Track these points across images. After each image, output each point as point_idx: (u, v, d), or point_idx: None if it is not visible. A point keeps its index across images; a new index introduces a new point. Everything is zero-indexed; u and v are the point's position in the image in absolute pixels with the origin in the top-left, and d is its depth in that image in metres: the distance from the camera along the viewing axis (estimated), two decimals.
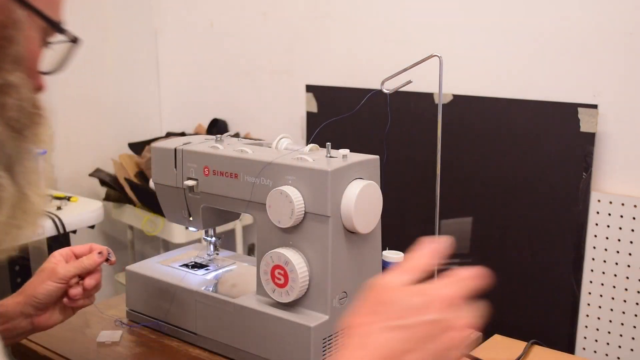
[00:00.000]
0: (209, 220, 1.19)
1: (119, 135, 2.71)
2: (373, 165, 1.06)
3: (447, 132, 1.86)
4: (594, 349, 1.84)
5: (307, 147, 1.08)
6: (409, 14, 2.10)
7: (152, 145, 1.22)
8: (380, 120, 2.01)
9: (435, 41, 2.05)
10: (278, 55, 2.48)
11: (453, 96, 1.98)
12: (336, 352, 0.61)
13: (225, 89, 2.69)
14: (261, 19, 2.50)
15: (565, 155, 1.80)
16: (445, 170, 1.57)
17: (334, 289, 1.01)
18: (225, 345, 1.10)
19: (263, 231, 1.06)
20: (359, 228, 1.01)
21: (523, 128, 1.87)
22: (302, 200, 0.99)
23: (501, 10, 1.92)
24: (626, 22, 1.72)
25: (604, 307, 1.81)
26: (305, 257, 1.02)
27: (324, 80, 2.33)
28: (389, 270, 0.65)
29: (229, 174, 1.09)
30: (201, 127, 2.67)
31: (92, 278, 1.06)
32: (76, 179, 2.56)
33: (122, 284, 2.49)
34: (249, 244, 2.62)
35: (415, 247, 0.66)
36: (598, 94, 1.78)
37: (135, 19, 2.74)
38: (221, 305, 1.09)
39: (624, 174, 1.78)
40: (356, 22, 2.23)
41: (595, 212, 1.79)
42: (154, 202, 2.20)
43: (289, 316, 1.02)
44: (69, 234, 1.93)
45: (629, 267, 1.76)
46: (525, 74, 1.90)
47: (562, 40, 1.82)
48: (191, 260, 1.27)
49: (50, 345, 1.15)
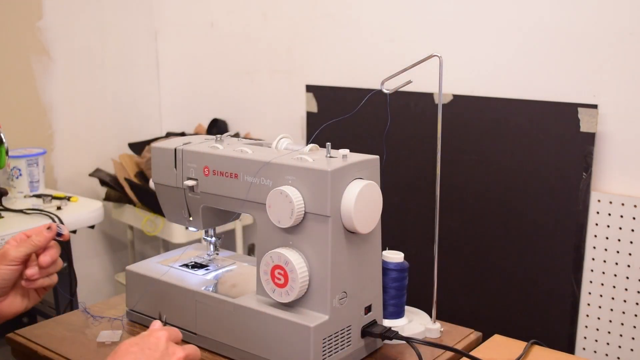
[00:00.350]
0: (209, 220, 1.19)
1: (119, 135, 2.71)
2: (373, 165, 1.06)
3: (447, 132, 1.86)
4: (594, 349, 1.84)
5: (307, 147, 1.08)
6: (409, 14, 2.10)
7: (152, 145, 1.22)
8: (380, 120, 2.01)
9: (435, 41, 2.05)
10: (278, 55, 2.48)
11: (453, 96, 1.98)
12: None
13: (225, 89, 2.69)
14: (261, 19, 2.50)
15: (565, 155, 1.80)
16: (445, 170, 1.57)
17: (334, 289, 1.01)
18: (225, 345, 1.10)
19: (263, 231, 1.06)
20: (359, 228, 1.01)
21: (523, 128, 1.87)
22: (302, 200, 0.99)
23: (501, 10, 1.92)
24: (626, 22, 1.72)
25: (604, 307, 1.81)
26: (305, 257, 1.02)
27: (324, 80, 2.33)
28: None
29: (229, 174, 1.09)
30: (201, 127, 2.67)
31: (46, 255, 1.03)
32: (76, 179, 2.56)
33: (122, 284, 2.50)
34: (249, 244, 2.62)
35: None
36: (598, 94, 1.78)
37: (135, 19, 2.74)
38: (221, 305, 1.09)
39: (624, 174, 1.78)
40: (356, 22, 2.23)
41: (595, 212, 1.79)
42: (154, 202, 2.21)
43: (289, 316, 1.02)
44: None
45: (629, 267, 1.77)
46: (525, 74, 1.90)
47: (562, 40, 1.82)
48: (191, 260, 1.27)
49: (50, 345, 1.15)
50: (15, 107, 2.36)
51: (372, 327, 1.09)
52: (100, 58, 2.61)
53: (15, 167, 2.06)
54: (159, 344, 0.86)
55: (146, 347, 0.85)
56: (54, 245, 1.06)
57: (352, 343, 1.07)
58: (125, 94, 2.74)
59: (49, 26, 2.42)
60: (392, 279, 1.17)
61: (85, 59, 2.56)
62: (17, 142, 2.24)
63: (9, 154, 1.73)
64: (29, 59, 2.38)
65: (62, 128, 2.50)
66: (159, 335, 0.87)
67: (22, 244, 1.03)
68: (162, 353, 0.85)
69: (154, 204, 2.25)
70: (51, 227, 1.04)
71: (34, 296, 1.07)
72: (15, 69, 2.36)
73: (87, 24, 2.55)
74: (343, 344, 1.05)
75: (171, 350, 0.86)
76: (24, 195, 2.07)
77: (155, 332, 0.88)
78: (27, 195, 2.07)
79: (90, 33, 2.57)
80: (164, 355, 0.85)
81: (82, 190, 2.57)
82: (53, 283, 1.06)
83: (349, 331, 1.05)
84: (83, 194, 2.42)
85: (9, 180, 2.08)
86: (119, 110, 2.72)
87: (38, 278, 1.04)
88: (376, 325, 1.10)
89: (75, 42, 2.51)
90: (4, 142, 1.68)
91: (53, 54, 2.44)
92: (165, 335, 0.88)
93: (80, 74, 2.55)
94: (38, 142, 2.40)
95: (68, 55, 2.49)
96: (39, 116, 2.43)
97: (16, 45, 2.35)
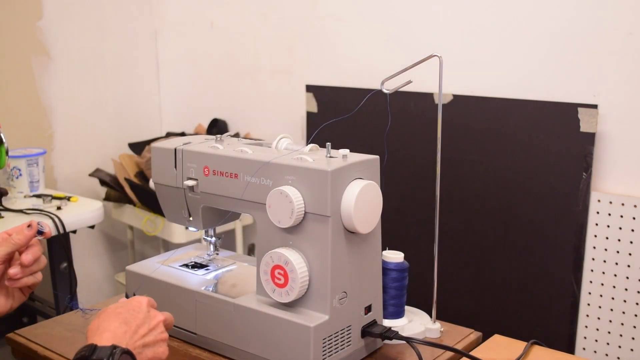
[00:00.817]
0: (209, 220, 1.19)
1: (119, 135, 2.71)
2: (373, 165, 1.06)
3: (447, 132, 1.86)
4: (594, 349, 1.84)
5: (307, 147, 1.08)
6: (409, 14, 2.10)
7: (152, 145, 1.22)
8: (380, 120, 2.01)
9: (435, 41, 2.05)
10: (278, 55, 2.48)
11: (453, 96, 1.98)
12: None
13: (225, 89, 2.69)
14: (261, 19, 2.50)
15: (565, 155, 1.80)
16: (445, 170, 1.57)
17: (334, 289, 1.01)
18: (225, 345, 1.10)
19: (263, 231, 1.06)
20: (359, 228, 1.01)
21: (523, 128, 1.87)
22: (302, 200, 0.99)
23: (501, 10, 1.92)
24: (626, 22, 1.72)
25: (604, 307, 1.81)
26: (305, 257, 1.02)
27: (324, 80, 2.33)
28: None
29: (229, 174, 1.09)
30: (201, 127, 2.67)
31: (28, 253, 1.02)
32: (76, 179, 2.56)
33: (122, 284, 2.50)
34: (249, 244, 2.62)
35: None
36: (598, 94, 1.78)
37: (135, 19, 2.74)
38: (221, 305, 1.09)
39: (624, 174, 1.78)
40: (356, 22, 2.23)
41: (595, 212, 1.79)
42: (154, 202, 2.21)
43: (289, 316, 1.02)
44: (69, 234, 1.93)
45: (629, 267, 1.77)
46: (525, 74, 1.90)
47: (562, 40, 1.82)
48: (191, 260, 1.27)
49: (50, 345, 1.15)
50: (15, 107, 2.36)
51: (372, 327, 1.09)
52: (100, 58, 2.61)
53: (15, 167, 2.06)
54: (142, 307, 0.93)
55: (130, 309, 0.92)
56: (36, 243, 1.04)
57: (352, 343, 1.07)
58: (125, 94, 2.74)
59: (49, 26, 2.42)
60: (392, 279, 1.17)
61: (85, 59, 2.56)
62: (17, 142, 2.24)
63: (9, 154, 1.73)
64: (29, 59, 2.38)
65: (62, 128, 2.50)
66: (140, 300, 0.95)
67: (3, 243, 1.01)
68: (145, 315, 0.92)
69: (154, 204, 2.25)
70: (31, 224, 1.03)
71: (19, 296, 1.06)
72: (15, 69, 2.36)
73: (87, 24, 2.55)
74: (343, 344, 1.05)
75: (152, 313, 0.94)
76: (24, 195, 2.07)
77: (135, 298, 0.96)
78: (27, 195, 2.07)
79: (90, 33, 2.57)
80: (146, 317, 0.92)
81: (82, 190, 2.57)
82: (37, 282, 1.05)
83: (349, 331, 1.05)
84: (83, 194, 2.42)
85: (9, 180, 2.08)
86: (119, 110, 2.72)
87: (21, 277, 1.02)
88: (376, 325, 1.10)
89: (75, 42, 2.51)
90: (4, 142, 1.68)
91: (53, 54, 2.44)
92: (145, 300, 0.95)
93: (80, 74, 2.55)
94: (38, 142, 2.40)
95: (68, 55, 2.49)
96: (39, 116, 2.43)
97: (16, 45, 2.35)
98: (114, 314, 0.90)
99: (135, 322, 0.90)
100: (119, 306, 0.92)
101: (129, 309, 0.92)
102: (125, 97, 2.74)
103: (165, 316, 0.95)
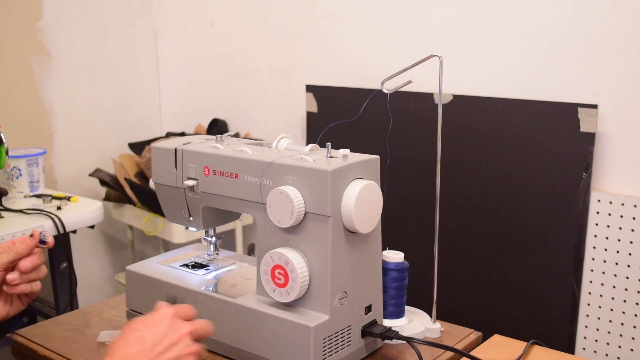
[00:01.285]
0: (209, 220, 1.19)
1: (119, 135, 2.71)
2: (373, 165, 1.06)
3: (447, 132, 1.86)
4: (594, 349, 1.84)
5: (307, 147, 1.08)
6: (409, 14, 2.10)
7: (152, 145, 1.22)
8: (380, 120, 2.01)
9: (435, 41, 2.05)
10: (278, 55, 2.48)
11: (453, 96, 1.98)
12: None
13: (225, 89, 2.70)
14: (261, 19, 2.50)
15: (565, 155, 1.80)
16: (445, 170, 1.58)
17: (334, 289, 1.01)
18: (225, 345, 1.10)
19: (263, 231, 1.06)
20: (359, 228, 1.01)
21: (523, 128, 1.87)
22: (302, 200, 0.99)
23: (501, 10, 1.92)
24: (626, 22, 1.72)
25: (604, 307, 1.81)
26: (305, 257, 1.02)
27: (324, 80, 2.33)
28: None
29: (229, 174, 1.09)
30: (201, 127, 2.67)
31: (27, 260, 1.03)
32: (76, 179, 2.56)
33: (122, 284, 2.50)
34: (249, 244, 2.62)
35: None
36: (598, 94, 1.78)
37: (135, 19, 2.74)
38: (221, 305, 1.09)
39: (624, 174, 1.78)
40: (356, 22, 2.23)
41: (595, 212, 1.79)
42: (154, 202, 2.21)
43: (289, 316, 1.02)
44: (69, 234, 1.93)
45: (629, 267, 1.77)
46: (525, 74, 1.90)
47: (562, 40, 1.82)
48: (191, 260, 1.27)
49: (50, 345, 1.15)
50: (15, 107, 2.36)
51: (372, 327, 1.09)
52: (100, 58, 2.62)
53: (15, 167, 2.06)
54: (164, 321, 0.87)
55: (150, 325, 0.86)
56: (38, 252, 1.06)
57: (352, 343, 1.07)
58: (125, 94, 2.74)
59: (49, 26, 2.42)
60: (392, 279, 1.17)
61: (85, 58, 2.56)
62: (17, 142, 2.24)
63: (9, 154, 1.73)
64: (29, 59, 2.38)
65: (62, 128, 2.50)
66: (164, 312, 0.89)
67: (6, 252, 1.03)
68: (166, 329, 0.86)
69: (154, 204, 2.25)
70: (34, 234, 1.04)
71: (17, 303, 1.07)
72: (15, 69, 2.36)
73: (87, 24, 2.55)
74: (343, 343, 1.05)
75: (176, 326, 0.87)
76: (24, 195, 2.07)
77: (160, 309, 0.90)
78: (27, 195, 2.07)
79: (90, 33, 2.57)
80: (168, 331, 0.86)
81: (82, 190, 2.57)
82: (36, 290, 1.06)
83: (349, 331, 1.05)
84: (83, 194, 2.42)
85: (9, 180, 2.08)
86: (119, 110, 2.72)
87: (19, 283, 1.03)
88: (376, 325, 1.10)
89: (75, 42, 2.51)
90: (4, 142, 1.68)
91: (53, 54, 2.44)
92: (170, 312, 0.89)
93: (80, 74, 2.55)
94: (38, 142, 2.40)
95: (68, 55, 2.49)
96: (39, 116, 2.43)
97: (16, 45, 2.35)
98: (131, 330, 0.86)
99: (152, 340, 0.85)
100: (140, 321, 0.88)
101: (148, 324, 0.87)
102: (125, 97, 2.75)
103: (194, 327, 0.89)
